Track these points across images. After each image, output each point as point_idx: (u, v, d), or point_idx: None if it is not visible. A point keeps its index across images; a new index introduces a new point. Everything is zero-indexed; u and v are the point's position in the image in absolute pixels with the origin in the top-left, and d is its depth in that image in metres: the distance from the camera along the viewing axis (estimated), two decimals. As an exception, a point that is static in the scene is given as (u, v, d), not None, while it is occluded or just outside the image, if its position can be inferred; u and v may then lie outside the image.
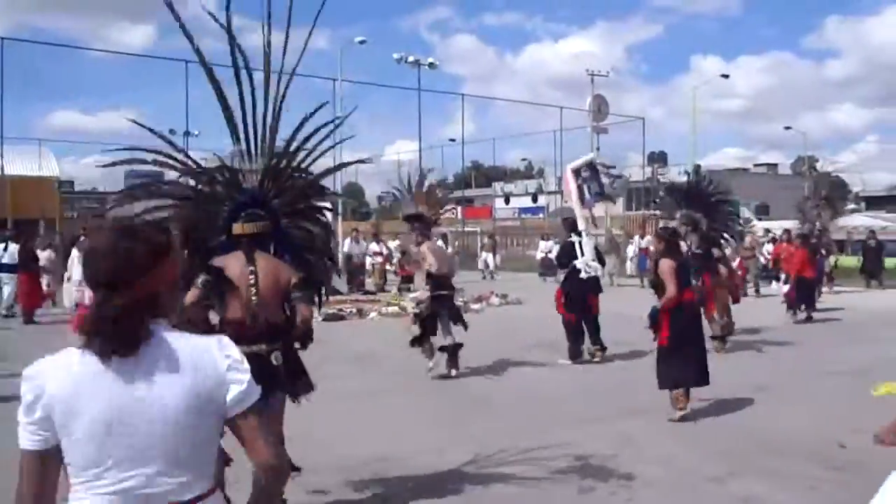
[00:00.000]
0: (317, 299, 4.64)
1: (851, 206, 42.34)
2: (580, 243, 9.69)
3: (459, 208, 51.18)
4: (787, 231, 18.55)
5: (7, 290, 15.20)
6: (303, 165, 4.70)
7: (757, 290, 18.73)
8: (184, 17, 4.35)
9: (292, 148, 4.59)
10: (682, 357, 6.77)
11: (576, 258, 9.60)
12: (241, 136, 4.50)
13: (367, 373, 8.91)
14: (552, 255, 24.41)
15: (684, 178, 13.53)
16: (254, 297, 4.05)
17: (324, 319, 14.11)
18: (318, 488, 4.98)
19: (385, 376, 8.90)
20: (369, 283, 20.58)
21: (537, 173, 62.97)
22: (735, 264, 21.69)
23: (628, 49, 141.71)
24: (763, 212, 43.17)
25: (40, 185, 32.09)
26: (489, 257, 26.44)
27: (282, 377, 4.13)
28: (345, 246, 21.76)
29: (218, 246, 4.36)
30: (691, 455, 5.77)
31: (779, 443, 6.01)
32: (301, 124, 4.62)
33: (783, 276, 15.47)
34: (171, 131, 6.14)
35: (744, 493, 4.95)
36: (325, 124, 4.74)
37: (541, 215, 48.46)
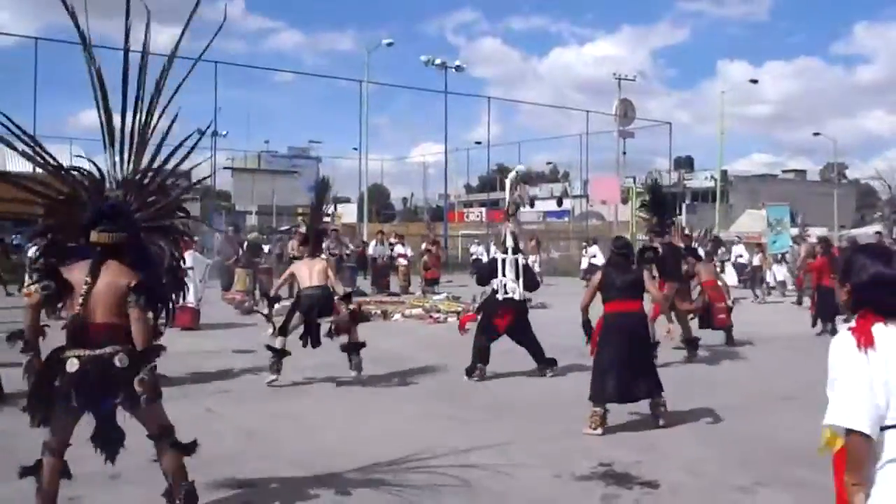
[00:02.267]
0: (164, 313, 4.60)
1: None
2: (503, 261, 9.14)
3: (484, 210, 51.19)
4: (823, 238, 18.15)
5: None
6: (166, 184, 4.71)
7: (799, 301, 18.31)
8: (212, 19, 4.38)
9: (155, 164, 4.60)
10: (602, 371, 6.73)
11: (494, 277, 9.11)
12: (115, 142, 4.47)
13: (391, 374, 8.93)
14: (597, 261, 24.36)
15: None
16: (79, 306, 4.05)
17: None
18: (341, 489, 5.00)
19: (408, 378, 8.91)
20: (394, 284, 20.64)
21: (562, 177, 62.83)
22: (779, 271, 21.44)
23: (654, 53, 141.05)
24: (791, 218, 42.67)
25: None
26: (532, 259, 25.80)
27: (127, 379, 4.02)
28: (370, 248, 21.88)
29: (76, 250, 4.36)
30: (716, 463, 5.71)
31: (806, 453, 5.90)
32: (161, 141, 4.63)
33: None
34: (199, 131, 6.22)
35: (770, 503, 4.89)
36: (181, 143, 4.73)
37: (566, 219, 48.32)
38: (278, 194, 47.27)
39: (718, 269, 15.59)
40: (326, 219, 10.57)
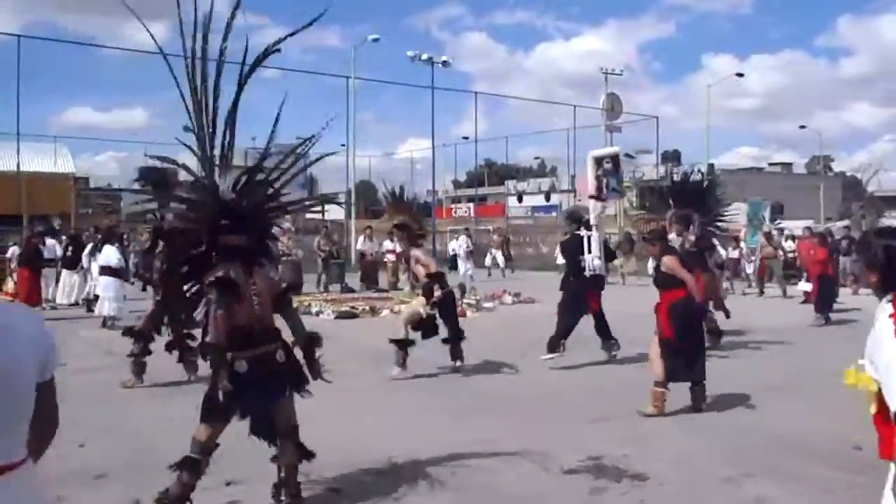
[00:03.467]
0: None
1: None
2: (588, 238, 9.44)
3: (472, 206, 51.21)
4: (808, 228, 18.48)
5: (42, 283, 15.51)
6: (274, 185, 4.74)
7: (784, 292, 18.26)
8: (200, 15, 4.33)
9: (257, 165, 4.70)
10: (678, 353, 6.83)
11: (582, 254, 9.40)
12: (214, 142, 4.52)
13: (379, 370, 8.91)
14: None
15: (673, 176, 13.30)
16: (257, 305, 4.30)
17: (336, 317, 14.16)
18: (331, 485, 4.99)
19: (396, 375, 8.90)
20: (382, 280, 20.61)
21: (550, 171, 62.86)
22: (746, 262, 21.73)
23: (640, 47, 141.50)
24: (778, 211, 42.89)
25: (56, 181, 32.33)
26: (498, 254, 26.23)
27: (287, 373, 4.45)
28: (358, 243, 21.83)
29: (201, 254, 4.46)
30: (705, 455, 5.73)
31: (794, 444, 5.97)
32: (267, 146, 4.75)
33: (804, 275, 15.45)
34: (187, 128, 6.15)
35: (759, 494, 4.91)
36: (293, 148, 4.81)
37: (554, 214, 48.35)
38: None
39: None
40: (317, 215, 10.68)
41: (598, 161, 10.01)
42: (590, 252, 9.38)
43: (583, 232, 9.56)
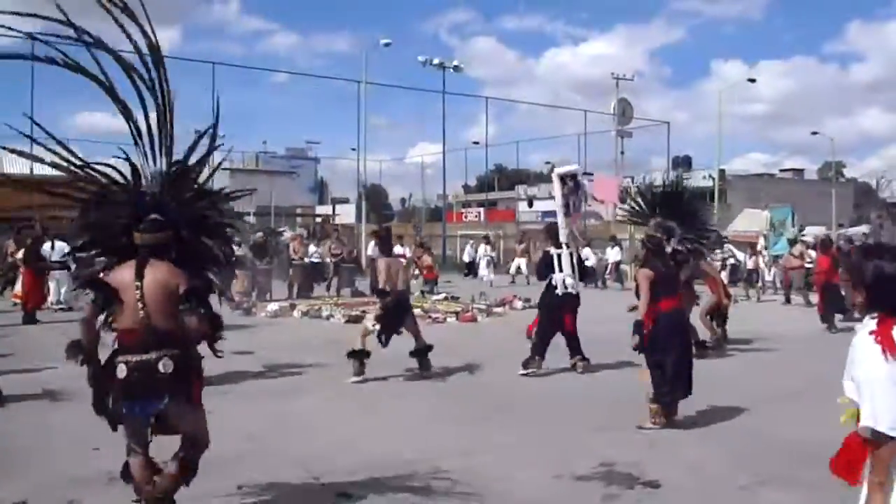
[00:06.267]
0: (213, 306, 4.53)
1: None
2: (559, 256, 9.34)
3: (483, 211, 51.18)
4: (824, 240, 18.19)
5: (52, 285, 15.62)
6: (201, 179, 4.63)
7: (807, 301, 17.57)
8: (208, 21, 4.33)
9: (192, 160, 4.49)
10: (660, 366, 6.70)
11: (553, 272, 9.32)
12: (143, 137, 4.38)
13: (390, 375, 8.90)
14: (590, 263, 24.41)
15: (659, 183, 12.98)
16: (140, 310, 4.03)
17: (347, 321, 14.17)
18: (342, 490, 4.98)
19: (407, 379, 8.90)
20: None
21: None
22: (768, 272, 21.54)
23: (650, 53, 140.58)
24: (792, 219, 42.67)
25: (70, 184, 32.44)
26: (522, 263, 25.66)
27: (169, 384, 4.04)
28: (368, 248, 21.85)
29: (119, 249, 4.32)
30: (718, 462, 5.70)
31: (808, 452, 5.90)
32: (200, 136, 4.57)
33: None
34: (196, 132, 6.16)
35: (774, 502, 4.88)
36: (202, 134, 4.62)
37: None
38: (276, 195, 47.20)
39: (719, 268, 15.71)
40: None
41: (563, 178, 9.91)
42: (560, 270, 9.27)
43: (552, 250, 9.44)
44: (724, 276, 21.10)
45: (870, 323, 2.57)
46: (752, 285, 20.84)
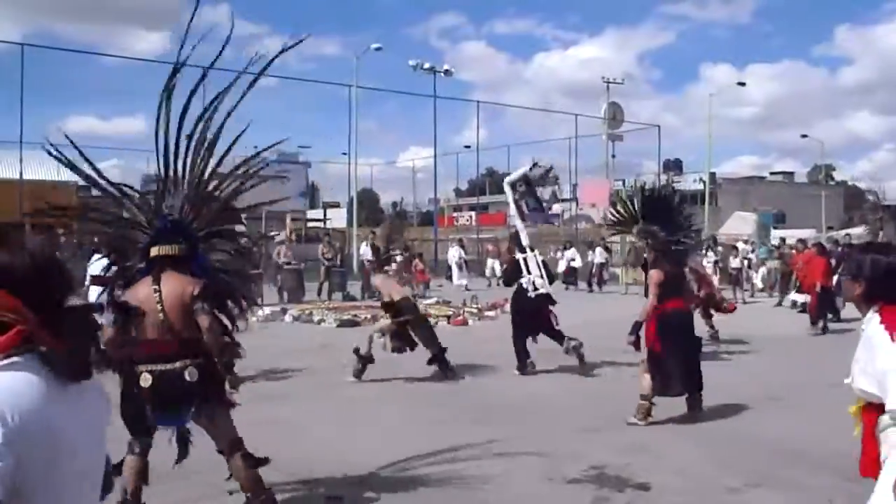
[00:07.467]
0: (237, 311, 4.64)
1: None
2: (524, 259, 9.58)
3: (474, 214, 51.24)
4: (801, 241, 18.60)
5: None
6: (222, 195, 4.74)
7: (790, 302, 18.04)
8: (199, 25, 4.37)
9: (209, 176, 4.63)
10: (667, 366, 6.81)
11: (521, 276, 9.51)
12: (165, 162, 4.52)
13: (380, 378, 8.90)
14: (576, 264, 24.52)
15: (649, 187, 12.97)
16: (161, 320, 4.07)
17: (338, 326, 14.17)
18: (332, 493, 4.98)
19: (397, 383, 8.90)
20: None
21: (551, 181, 62.79)
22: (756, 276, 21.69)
23: (640, 56, 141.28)
24: (780, 220, 42.89)
25: (59, 189, 32.31)
26: (496, 264, 25.95)
27: (197, 392, 4.12)
28: (360, 251, 21.83)
29: (138, 270, 4.40)
30: (707, 464, 5.73)
31: (796, 453, 5.96)
32: (225, 153, 4.72)
33: (797, 286, 15.52)
34: (188, 137, 6.15)
35: (763, 503, 4.91)
36: (247, 159, 4.89)
37: (555, 223, 48.35)
38: (267, 199, 47.11)
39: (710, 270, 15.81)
40: (318, 223, 10.85)
41: (513, 185, 10.18)
42: (529, 273, 9.47)
43: (518, 255, 9.69)
44: (715, 280, 21.27)
45: (874, 316, 2.63)
46: (739, 286, 20.93)
